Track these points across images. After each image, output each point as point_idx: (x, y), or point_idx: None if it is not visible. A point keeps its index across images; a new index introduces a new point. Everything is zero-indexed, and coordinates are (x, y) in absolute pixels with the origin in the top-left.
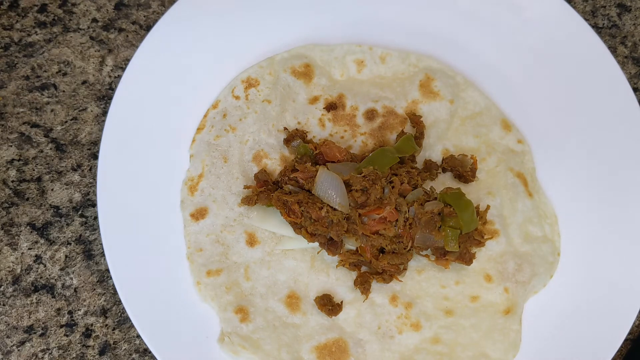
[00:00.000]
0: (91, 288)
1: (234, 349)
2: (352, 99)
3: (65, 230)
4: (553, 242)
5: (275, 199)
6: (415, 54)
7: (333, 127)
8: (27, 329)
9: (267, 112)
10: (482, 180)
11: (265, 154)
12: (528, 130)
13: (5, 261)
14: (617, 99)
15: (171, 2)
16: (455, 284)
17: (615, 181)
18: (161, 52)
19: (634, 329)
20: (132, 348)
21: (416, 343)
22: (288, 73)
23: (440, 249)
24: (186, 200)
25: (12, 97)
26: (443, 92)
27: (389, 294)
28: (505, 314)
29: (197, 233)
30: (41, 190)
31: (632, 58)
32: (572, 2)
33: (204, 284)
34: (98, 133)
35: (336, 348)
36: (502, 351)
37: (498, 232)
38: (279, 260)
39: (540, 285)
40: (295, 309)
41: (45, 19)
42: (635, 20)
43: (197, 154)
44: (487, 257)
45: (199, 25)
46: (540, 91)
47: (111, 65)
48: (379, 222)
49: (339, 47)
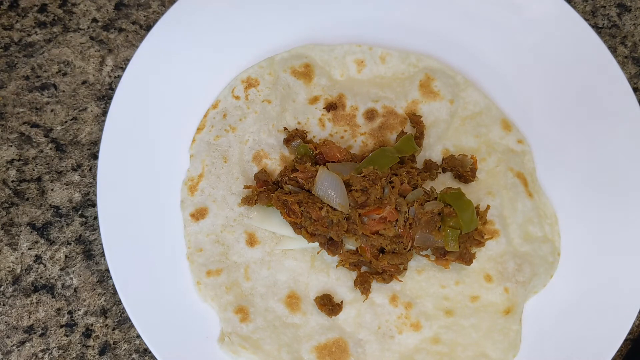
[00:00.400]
0: (91, 288)
1: (234, 349)
2: (352, 99)
3: (65, 230)
4: (553, 242)
5: (275, 199)
6: (415, 54)
7: (333, 127)
8: (27, 329)
9: (267, 112)
10: (482, 180)
11: (265, 154)
12: (528, 130)
13: (5, 261)
14: (617, 99)
15: (171, 2)
16: (455, 284)
17: (615, 181)
18: (161, 52)
19: (634, 329)
20: (132, 348)
21: (416, 343)
22: (288, 73)
23: (440, 249)
24: (186, 200)
25: (12, 97)
26: (443, 92)
27: (389, 294)
28: (505, 314)
29: (197, 233)
30: (41, 190)
31: (632, 58)
32: (572, 2)
33: (204, 284)
34: (98, 133)
35: (336, 348)
36: (502, 351)
37: (498, 232)
38: (279, 260)
39: (540, 285)
40: (295, 309)
41: (45, 19)
42: (635, 20)
43: (197, 154)
44: (487, 257)
45: (199, 25)
46: (540, 91)
47: (111, 65)
48: (379, 222)
49: (339, 47)
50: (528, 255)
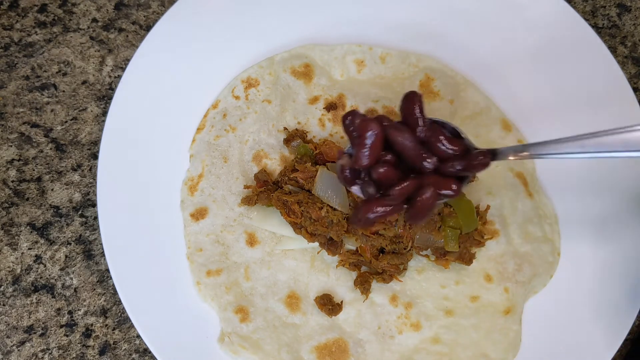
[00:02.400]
0: (91, 288)
1: (234, 348)
2: (352, 99)
3: (65, 230)
4: (553, 242)
5: (275, 199)
6: (415, 54)
7: (333, 127)
8: (27, 329)
9: (267, 112)
10: (482, 180)
11: (265, 154)
12: (528, 130)
13: (5, 261)
14: (617, 99)
15: (171, 2)
16: (455, 284)
17: (616, 181)
18: (161, 52)
19: (634, 329)
20: (132, 348)
21: (416, 343)
22: (288, 73)
23: (440, 249)
24: (186, 200)
25: (12, 97)
26: (443, 92)
27: (389, 294)
28: (505, 314)
29: (197, 233)
30: (41, 190)
31: (632, 58)
32: (572, 2)
33: (204, 284)
34: (98, 133)
35: (336, 348)
36: (502, 351)
37: (498, 232)
38: (279, 260)
39: (540, 285)
40: (295, 309)
41: (45, 19)
42: (635, 20)
43: (197, 153)
44: (487, 257)
45: (199, 25)
46: (540, 91)
47: (111, 65)
48: (379, 222)
49: (339, 47)
50: (528, 255)
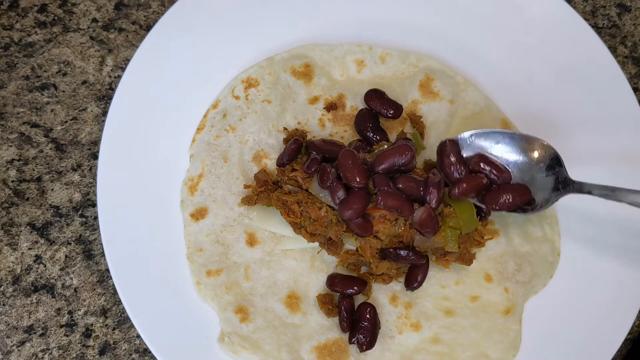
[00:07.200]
0: (91, 288)
1: (234, 348)
2: (352, 99)
3: (65, 230)
4: (553, 242)
5: (275, 199)
6: (415, 54)
7: (333, 127)
8: (27, 329)
9: (267, 112)
10: None
11: (265, 154)
12: (528, 130)
13: (5, 261)
14: (617, 99)
15: (171, 2)
16: (455, 284)
17: (615, 181)
18: (161, 52)
19: (634, 329)
20: (132, 348)
21: (416, 343)
22: (288, 73)
23: (440, 249)
24: (186, 200)
25: (12, 97)
26: (443, 92)
27: (389, 294)
28: (505, 314)
29: (197, 233)
30: (41, 190)
31: (632, 58)
32: (572, 2)
33: (204, 284)
34: (98, 133)
35: (336, 348)
36: (502, 351)
37: (498, 232)
38: (279, 260)
39: (540, 285)
40: (295, 309)
41: (45, 19)
42: (635, 20)
43: (197, 154)
44: (487, 257)
45: (199, 25)
46: (540, 91)
47: (111, 65)
48: (379, 221)
49: (339, 47)
50: (528, 255)
